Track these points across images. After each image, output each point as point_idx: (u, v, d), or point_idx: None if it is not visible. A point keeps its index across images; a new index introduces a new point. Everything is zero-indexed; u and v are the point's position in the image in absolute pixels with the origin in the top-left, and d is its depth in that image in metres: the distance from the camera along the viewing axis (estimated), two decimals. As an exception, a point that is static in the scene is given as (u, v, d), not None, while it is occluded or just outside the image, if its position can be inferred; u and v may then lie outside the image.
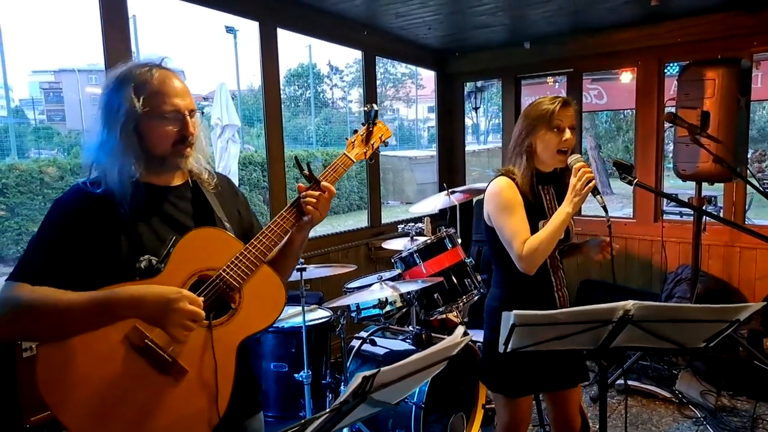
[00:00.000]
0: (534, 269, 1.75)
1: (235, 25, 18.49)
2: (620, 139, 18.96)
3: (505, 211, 1.79)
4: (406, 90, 28.18)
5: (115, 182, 1.21)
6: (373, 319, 2.89)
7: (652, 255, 4.32)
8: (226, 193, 1.44)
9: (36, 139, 18.04)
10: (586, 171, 1.71)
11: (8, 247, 8.77)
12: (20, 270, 1.15)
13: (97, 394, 1.12)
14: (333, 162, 1.46)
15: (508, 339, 1.37)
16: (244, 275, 1.25)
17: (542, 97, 1.85)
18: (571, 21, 4.07)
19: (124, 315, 1.13)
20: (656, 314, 1.31)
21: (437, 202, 3.61)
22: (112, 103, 1.22)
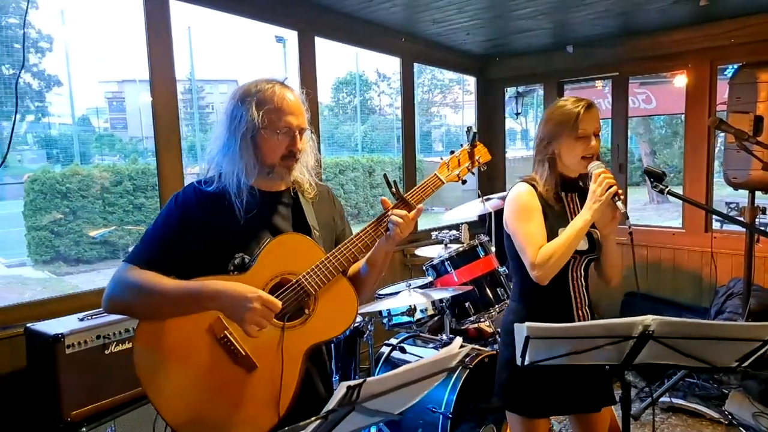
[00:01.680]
0: (547, 279, 1.67)
1: (285, 35, 18.98)
2: (676, 145, 18.13)
3: (520, 217, 1.73)
4: (453, 96, 28.02)
5: (229, 183, 1.34)
6: (405, 326, 2.89)
7: (701, 267, 4.11)
8: (324, 202, 1.53)
9: (99, 146, 19.10)
10: (606, 176, 1.64)
11: (70, 248, 9.32)
12: (134, 254, 1.33)
13: (179, 371, 1.27)
14: (422, 182, 1.49)
15: (525, 351, 1.34)
16: (321, 283, 1.32)
17: (564, 100, 1.78)
18: (618, 23, 3.94)
19: (208, 306, 1.26)
20: (679, 330, 1.25)
21: (473, 209, 3.58)
22: (236, 113, 1.35)
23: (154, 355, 1.28)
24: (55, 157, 12.64)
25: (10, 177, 12.43)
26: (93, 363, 2.00)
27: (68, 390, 1.94)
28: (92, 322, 2.06)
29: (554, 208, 1.76)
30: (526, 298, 1.80)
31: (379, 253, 1.44)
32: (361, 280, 1.48)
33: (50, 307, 2.27)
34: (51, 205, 9.12)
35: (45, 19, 15.58)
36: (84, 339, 2.01)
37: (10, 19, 12.10)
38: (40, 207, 9.08)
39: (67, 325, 2.02)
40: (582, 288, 1.80)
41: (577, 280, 1.78)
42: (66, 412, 1.93)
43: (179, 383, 1.27)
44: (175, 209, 1.36)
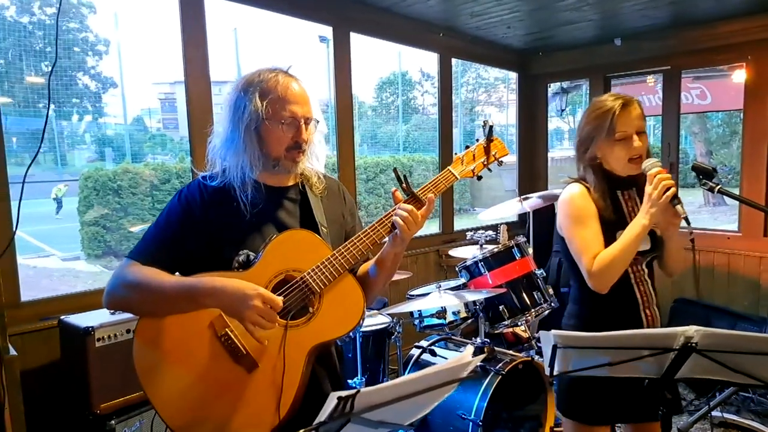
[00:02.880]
0: (605, 288, 1.59)
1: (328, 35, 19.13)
2: (735, 145, 17.14)
3: (575, 221, 1.64)
4: (498, 95, 27.53)
5: (234, 177, 1.31)
6: (436, 328, 2.81)
7: (760, 273, 3.82)
8: (333, 197, 1.48)
9: (152, 145, 19.84)
10: (663, 178, 1.51)
11: (120, 243, 9.69)
12: (136, 250, 1.30)
13: (178, 369, 1.24)
14: (435, 177, 1.41)
15: (552, 360, 1.25)
16: (327, 281, 1.28)
17: (601, 98, 1.66)
18: (670, 13, 3.71)
19: (207, 303, 1.22)
20: (726, 343, 1.13)
21: (510, 209, 3.45)
22: (239, 104, 1.31)
23: (153, 352, 1.25)
24: (110, 156, 13.20)
25: (68, 174, 13.08)
26: (123, 356, 1.98)
27: (98, 383, 1.97)
28: (123, 316, 2.07)
29: (610, 211, 1.65)
30: (588, 300, 1.70)
31: (388, 255, 1.38)
32: (369, 281, 1.42)
33: (86, 300, 2.32)
34: (103, 202, 9.51)
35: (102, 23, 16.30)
36: (114, 332, 2.04)
37: (70, 24, 12.73)
38: (93, 203, 9.48)
39: (98, 319, 2.05)
40: (647, 285, 1.69)
41: (640, 277, 1.68)
42: (95, 405, 1.96)
43: (178, 382, 1.24)
44: (178, 205, 1.33)
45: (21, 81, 10.40)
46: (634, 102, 1.62)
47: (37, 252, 10.08)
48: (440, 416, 2.46)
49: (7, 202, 2.15)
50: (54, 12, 2.13)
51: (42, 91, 3.52)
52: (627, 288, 1.66)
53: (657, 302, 1.70)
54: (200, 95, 2.75)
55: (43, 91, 2.05)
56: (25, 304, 2.24)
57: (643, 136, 1.60)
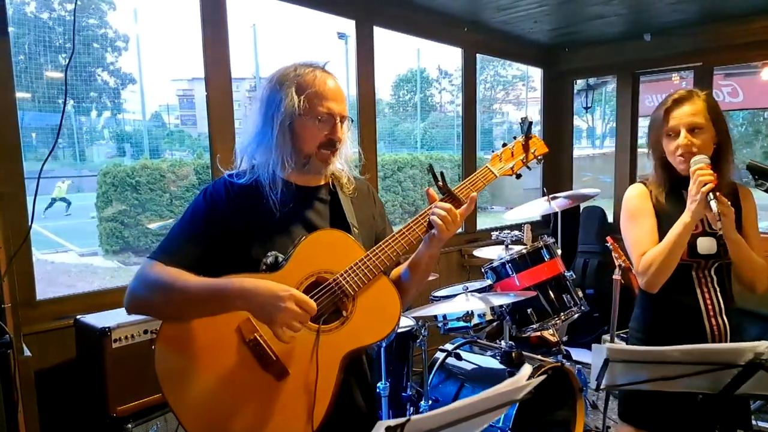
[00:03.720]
0: (655, 287, 1.58)
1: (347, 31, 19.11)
2: (758, 144, 16.76)
3: (629, 219, 1.68)
4: (516, 92, 27.27)
5: (263, 175, 1.26)
6: (461, 331, 2.72)
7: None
8: (363, 199, 1.43)
9: (170, 141, 19.99)
10: (701, 173, 1.47)
11: (138, 239, 9.74)
12: (159, 249, 1.23)
13: (203, 376, 1.17)
14: (473, 174, 1.36)
15: (601, 375, 1.16)
16: (361, 283, 1.21)
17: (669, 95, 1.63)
18: (703, 7, 3.59)
19: (237, 306, 1.14)
20: (800, 361, 1.03)
21: (537, 209, 3.34)
22: (273, 99, 1.26)
23: (176, 358, 1.17)
24: (128, 152, 13.31)
25: (87, 170, 13.21)
26: (140, 358, 1.96)
27: (114, 385, 1.92)
28: (141, 316, 2.02)
29: (670, 210, 1.61)
30: (648, 305, 1.70)
31: (423, 256, 1.32)
32: (403, 285, 1.36)
33: (104, 299, 2.27)
34: (121, 197, 9.55)
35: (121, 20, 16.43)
36: (131, 333, 1.98)
37: (90, 20, 12.84)
38: (111, 198, 9.52)
39: (115, 319, 1.99)
40: (714, 293, 1.62)
41: (705, 284, 1.62)
42: (112, 407, 1.91)
43: (202, 389, 1.16)
44: (204, 203, 1.26)
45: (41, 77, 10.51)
46: (693, 97, 1.57)
47: (56, 248, 10.17)
48: (466, 424, 2.37)
49: (24, 197, 2.11)
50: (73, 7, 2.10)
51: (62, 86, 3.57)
52: (690, 294, 1.61)
53: (727, 312, 1.62)
54: (220, 91, 2.70)
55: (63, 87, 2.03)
56: (40, 303, 2.19)
57: (698, 133, 1.54)
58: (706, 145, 1.54)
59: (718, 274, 1.62)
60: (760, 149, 16.46)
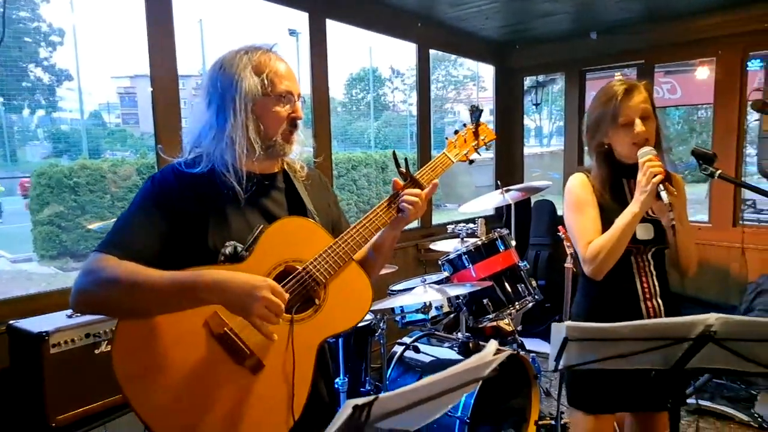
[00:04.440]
0: (600, 274, 1.59)
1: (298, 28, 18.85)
2: (693, 142, 17.77)
3: (573, 209, 1.68)
4: (467, 92, 27.74)
5: (218, 163, 1.20)
6: (419, 324, 2.73)
7: (729, 263, 3.90)
8: (317, 186, 1.41)
9: (111, 141, 19.12)
10: (651, 165, 1.51)
11: (77, 243, 9.25)
12: (108, 242, 1.13)
13: (170, 378, 1.09)
14: (432, 161, 1.41)
15: (560, 355, 1.17)
16: (332, 270, 1.20)
17: (606, 86, 1.65)
18: (645, 7, 3.75)
19: (207, 299, 1.08)
20: (745, 331, 1.07)
21: (491, 201, 3.40)
22: (227, 84, 1.20)
23: (139, 358, 1.08)
24: (65, 152, 12.63)
25: (19, 171, 12.44)
26: (81, 363, 1.85)
27: (54, 393, 1.80)
28: (81, 319, 1.90)
29: (612, 199, 1.65)
30: (589, 291, 1.73)
31: (387, 238, 1.36)
32: (368, 267, 1.36)
33: (39, 303, 2.12)
34: (58, 200, 9.04)
35: (56, 13, 15.59)
36: (71, 337, 1.86)
37: (21, 12, 12.09)
38: (47, 201, 9.00)
39: (53, 323, 1.87)
40: (651, 277, 1.66)
41: (643, 269, 1.66)
42: (51, 417, 1.79)
43: (171, 390, 1.09)
44: (153, 189, 1.19)
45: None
46: (639, 87, 1.60)
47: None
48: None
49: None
50: None
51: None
52: (628, 279, 1.65)
53: (663, 295, 1.67)
54: (166, 89, 2.58)
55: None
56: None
57: (648, 122, 1.58)
58: (652, 133, 1.59)
59: (655, 259, 1.67)
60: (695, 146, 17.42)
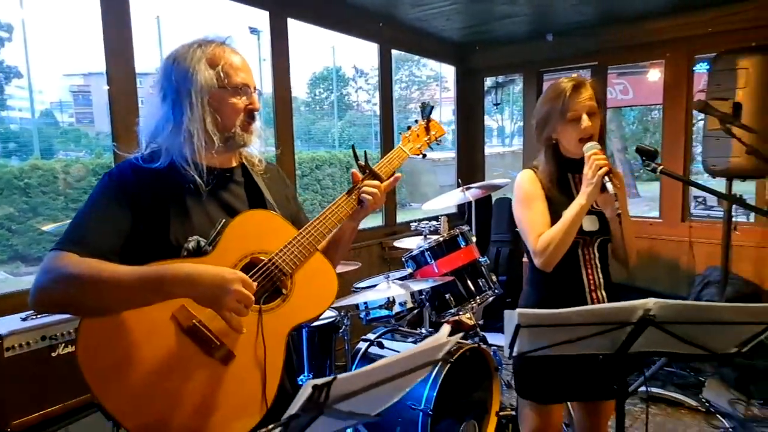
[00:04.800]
0: (550, 265, 1.64)
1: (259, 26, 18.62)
2: (647, 141, 18.46)
3: (522, 203, 1.72)
4: (431, 92, 27.99)
5: (176, 159, 1.20)
6: (383, 320, 2.77)
7: (678, 257, 4.10)
8: (276, 180, 1.43)
9: (64, 141, 18.41)
10: (597, 158, 1.59)
11: (29, 247, 8.90)
12: (67, 239, 1.10)
13: (140, 373, 1.09)
14: (388, 154, 1.47)
15: (513, 341, 1.23)
16: (297, 261, 1.23)
17: (557, 81, 1.70)
18: (599, 10, 3.89)
19: (176, 293, 1.07)
20: (681, 314, 1.16)
21: (453, 199, 3.48)
22: (182, 77, 1.20)
23: (106, 356, 1.07)
24: (15, 152, 12.11)
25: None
26: (38, 366, 1.83)
27: (9, 397, 1.76)
28: (37, 321, 1.87)
29: (559, 193, 1.71)
30: (537, 282, 1.78)
31: (347, 229, 1.41)
32: (329, 257, 1.39)
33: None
34: (8, 201, 8.68)
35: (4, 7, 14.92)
36: (26, 340, 1.83)
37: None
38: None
39: (7, 326, 1.83)
40: (596, 269, 1.73)
41: (589, 261, 1.73)
42: (6, 422, 1.75)
43: (143, 385, 1.08)
44: (110, 186, 1.17)
45: None
46: (586, 84, 1.66)
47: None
48: (389, 408, 2.41)
49: None
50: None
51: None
52: (575, 271, 1.71)
53: (607, 286, 1.74)
54: (123, 87, 2.53)
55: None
56: None
57: (594, 117, 1.64)
58: (597, 129, 1.66)
59: (600, 251, 1.74)
60: (650, 146, 18.10)
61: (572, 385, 1.71)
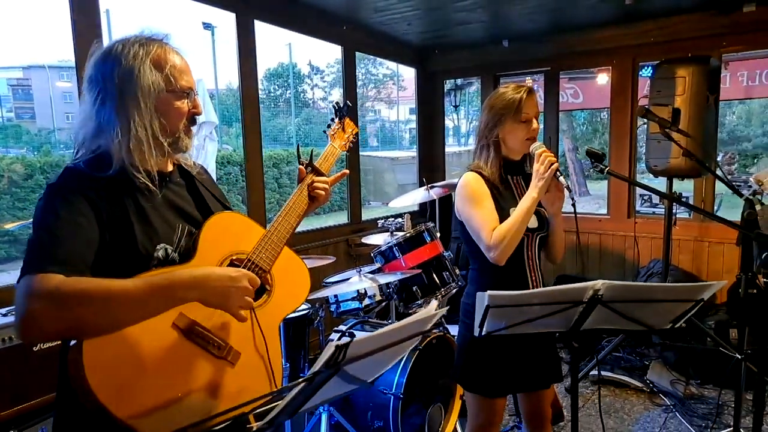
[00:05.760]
0: (504, 259, 1.73)
1: (213, 22, 18.25)
2: (597, 141, 19.31)
3: (471, 202, 1.79)
4: (387, 91, 28.18)
5: (126, 165, 1.13)
6: (353, 312, 2.90)
7: (625, 250, 4.42)
8: (209, 181, 1.42)
9: (3, 137, 17.51)
10: (548, 155, 1.73)
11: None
12: (41, 261, 1.00)
13: (157, 386, 1.06)
14: (324, 152, 1.55)
15: (483, 321, 1.39)
16: (272, 257, 1.27)
17: (504, 87, 1.86)
18: (551, 19, 4.13)
19: (188, 297, 1.06)
20: (625, 293, 1.34)
21: (417, 197, 3.64)
22: (125, 79, 1.13)
23: (117, 374, 1.02)
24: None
25: None
26: (14, 362, 1.86)
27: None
28: (4, 320, 1.91)
29: (502, 191, 1.83)
30: (484, 280, 1.84)
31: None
32: None
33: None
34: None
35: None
36: (9, 335, 1.86)
37: None
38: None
39: (-24, 325, 1.86)
40: (537, 266, 1.86)
41: (531, 258, 1.84)
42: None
43: (162, 399, 1.06)
44: (67, 197, 1.07)
45: None
46: (534, 91, 1.85)
47: None
48: (362, 393, 2.55)
49: None
50: None
51: None
52: (520, 268, 1.82)
53: (543, 281, 1.89)
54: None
55: None
56: None
57: (537, 121, 1.83)
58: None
59: (539, 246, 1.87)
60: (598, 146, 18.96)
61: (515, 378, 1.84)
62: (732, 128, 19.65)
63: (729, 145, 18.38)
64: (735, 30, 3.77)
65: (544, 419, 2.01)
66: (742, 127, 19.82)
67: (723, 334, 3.45)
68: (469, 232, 1.81)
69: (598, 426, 3.00)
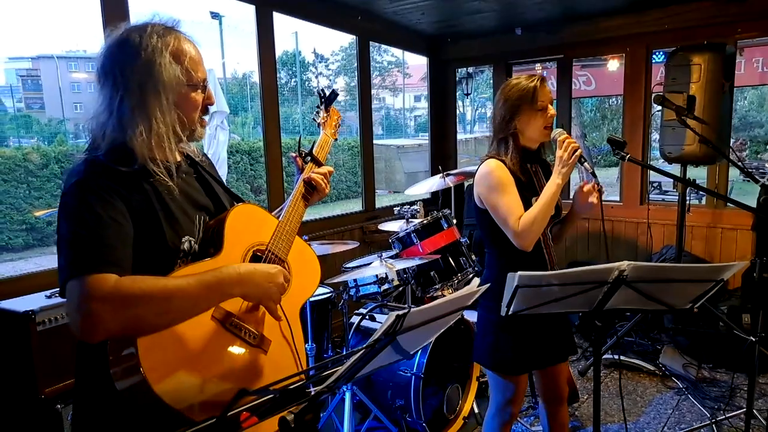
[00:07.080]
0: (531, 245, 1.77)
1: (221, 11, 18.22)
2: (605, 128, 19.22)
3: (497, 190, 1.81)
4: (392, 79, 28.09)
5: (147, 160, 1.12)
6: (371, 297, 2.97)
7: (637, 236, 4.46)
8: (208, 163, 1.41)
9: (15, 127, 17.66)
10: (570, 142, 1.77)
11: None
12: (92, 261, 0.99)
13: (210, 379, 1.10)
14: (319, 141, 1.60)
15: (511, 301, 1.45)
16: (288, 247, 1.32)
17: (516, 78, 1.89)
18: (562, 7, 4.15)
19: (234, 293, 1.12)
20: (649, 274, 1.40)
21: (431, 185, 3.70)
22: (146, 72, 1.11)
23: (173, 368, 1.04)
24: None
25: None
26: (66, 339, 1.95)
27: (42, 367, 1.91)
28: (61, 299, 1.99)
29: (523, 180, 1.87)
30: (504, 264, 1.86)
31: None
32: None
33: (14, 286, 2.18)
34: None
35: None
36: (55, 316, 1.97)
37: None
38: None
39: (35, 303, 1.96)
40: (550, 248, 1.94)
41: (546, 242, 1.92)
42: (40, 389, 1.90)
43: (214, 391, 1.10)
44: (103, 195, 1.06)
45: None
46: (546, 79, 1.89)
47: None
48: (384, 373, 2.64)
49: None
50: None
51: None
52: (539, 251, 1.87)
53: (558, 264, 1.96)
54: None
55: None
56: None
57: (553, 108, 1.87)
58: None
59: (551, 232, 1.94)
60: (606, 132, 18.87)
61: (535, 354, 1.91)
62: (744, 114, 19.50)
63: (741, 131, 18.27)
64: (749, 17, 3.78)
65: (561, 397, 2.07)
66: (755, 113, 19.68)
67: (736, 319, 3.50)
68: (494, 218, 1.85)
69: (611, 407, 3.08)
